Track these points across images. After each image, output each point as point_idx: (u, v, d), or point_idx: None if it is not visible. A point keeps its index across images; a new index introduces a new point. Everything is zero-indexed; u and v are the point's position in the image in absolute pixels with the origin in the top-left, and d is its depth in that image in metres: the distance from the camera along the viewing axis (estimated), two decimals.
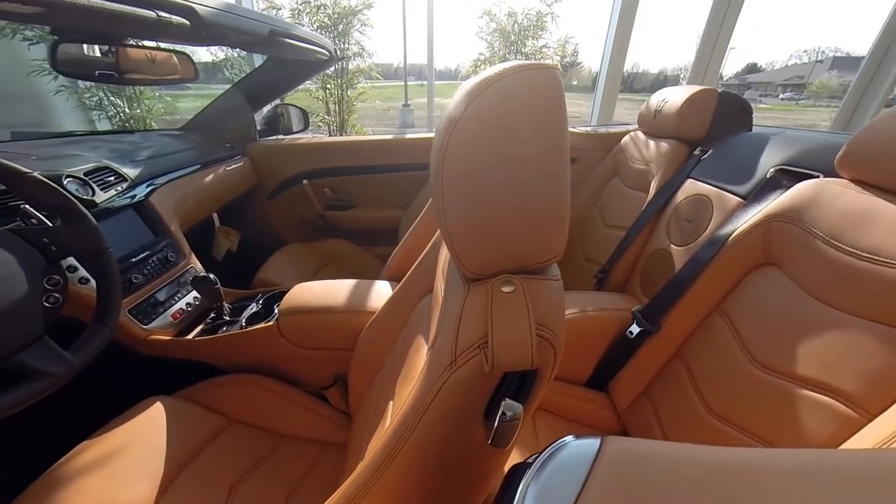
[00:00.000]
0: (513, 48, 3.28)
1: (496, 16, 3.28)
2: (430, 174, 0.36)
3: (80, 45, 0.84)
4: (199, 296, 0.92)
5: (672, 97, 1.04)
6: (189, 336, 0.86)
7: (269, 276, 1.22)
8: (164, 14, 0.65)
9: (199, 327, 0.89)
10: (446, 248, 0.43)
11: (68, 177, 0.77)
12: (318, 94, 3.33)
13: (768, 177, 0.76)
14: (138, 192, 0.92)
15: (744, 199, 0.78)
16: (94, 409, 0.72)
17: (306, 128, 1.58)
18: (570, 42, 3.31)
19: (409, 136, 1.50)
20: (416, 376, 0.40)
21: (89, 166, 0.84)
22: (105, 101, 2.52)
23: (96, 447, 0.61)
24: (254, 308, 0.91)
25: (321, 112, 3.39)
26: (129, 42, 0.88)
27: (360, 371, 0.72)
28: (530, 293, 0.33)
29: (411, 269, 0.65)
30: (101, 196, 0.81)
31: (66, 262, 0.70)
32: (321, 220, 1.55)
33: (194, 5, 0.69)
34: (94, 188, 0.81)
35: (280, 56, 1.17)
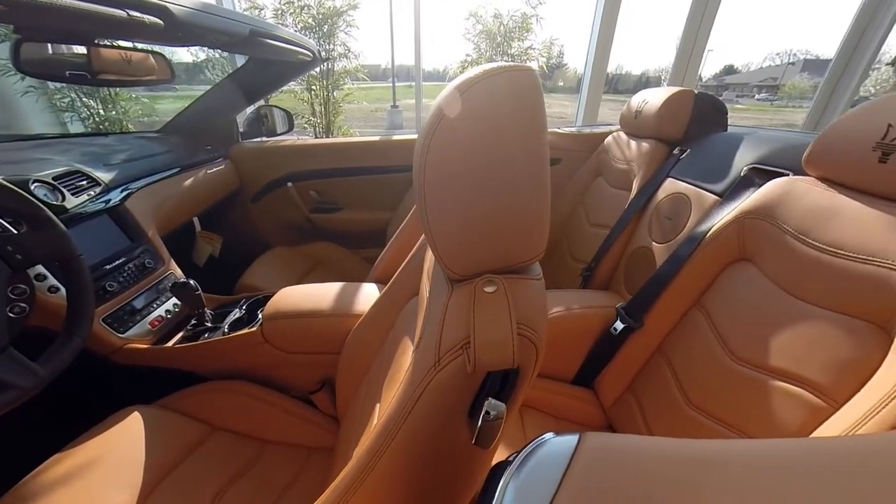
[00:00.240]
0: (499, 49, 3.31)
1: (482, 17, 3.31)
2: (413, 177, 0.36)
3: (45, 45, 0.81)
4: (179, 302, 0.89)
5: (652, 98, 1.07)
6: (169, 343, 0.83)
7: (253, 281, 1.20)
8: (135, 13, 0.63)
9: (180, 334, 0.87)
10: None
11: (36, 181, 0.75)
12: (304, 96, 3.28)
13: (742, 175, 0.79)
14: (112, 197, 0.89)
15: (720, 197, 0.81)
16: (69, 421, 0.69)
17: (290, 129, 1.54)
18: (555, 44, 3.37)
19: (397, 137, 1.49)
20: (402, 378, 0.40)
21: (59, 170, 0.81)
22: (78, 103, 2.42)
23: (69, 459, 0.59)
24: (237, 314, 0.89)
25: (306, 114, 3.34)
26: (103, 42, 0.85)
27: (348, 374, 0.71)
28: (512, 293, 0.34)
29: (398, 271, 0.65)
30: (71, 201, 0.79)
31: (35, 270, 0.67)
32: (307, 223, 1.53)
33: (168, 5, 0.67)
34: (65, 193, 0.78)
35: (262, 57, 1.15)
